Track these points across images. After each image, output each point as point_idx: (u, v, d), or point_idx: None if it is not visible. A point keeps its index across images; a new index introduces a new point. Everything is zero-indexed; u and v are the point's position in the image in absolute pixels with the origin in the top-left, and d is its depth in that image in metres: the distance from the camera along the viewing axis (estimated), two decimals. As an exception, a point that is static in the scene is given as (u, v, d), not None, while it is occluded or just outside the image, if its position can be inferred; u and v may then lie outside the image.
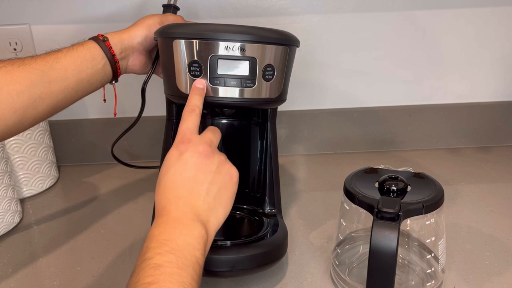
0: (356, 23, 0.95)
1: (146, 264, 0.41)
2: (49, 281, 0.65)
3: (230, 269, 0.57)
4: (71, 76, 0.58)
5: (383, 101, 1.01)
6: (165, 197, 0.48)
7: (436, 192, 0.56)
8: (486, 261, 0.65)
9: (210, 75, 0.57)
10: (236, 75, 0.57)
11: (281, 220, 0.69)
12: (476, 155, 1.00)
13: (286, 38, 0.60)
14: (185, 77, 0.58)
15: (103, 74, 0.63)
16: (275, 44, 0.58)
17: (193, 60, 0.57)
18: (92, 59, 0.61)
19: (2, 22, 0.92)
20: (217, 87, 0.57)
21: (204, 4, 0.92)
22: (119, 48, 0.63)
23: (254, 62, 0.57)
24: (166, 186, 0.49)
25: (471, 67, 0.99)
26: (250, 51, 0.56)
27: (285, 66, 0.61)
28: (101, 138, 1.02)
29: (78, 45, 0.61)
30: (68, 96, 0.59)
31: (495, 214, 0.77)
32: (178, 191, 0.48)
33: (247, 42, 0.56)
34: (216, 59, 0.56)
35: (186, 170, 0.49)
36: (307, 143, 1.04)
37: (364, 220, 0.60)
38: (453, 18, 0.95)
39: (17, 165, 0.86)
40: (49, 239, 0.76)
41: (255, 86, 0.58)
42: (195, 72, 0.57)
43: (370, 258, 0.49)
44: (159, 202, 0.49)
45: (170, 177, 0.49)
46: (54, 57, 0.58)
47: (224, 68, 0.57)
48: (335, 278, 0.61)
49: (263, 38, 0.57)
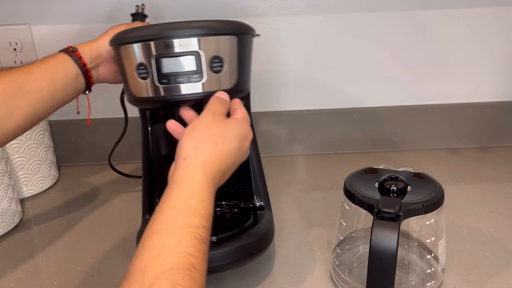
0: (356, 23, 0.95)
1: (191, 231, 0.41)
2: (49, 281, 0.65)
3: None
4: (46, 86, 0.60)
5: (383, 101, 1.01)
6: (227, 168, 0.51)
7: (436, 192, 0.55)
8: (486, 261, 0.65)
9: (157, 75, 0.57)
10: (182, 72, 0.57)
11: (268, 212, 0.68)
12: (476, 155, 1.00)
13: (232, 28, 0.59)
14: (136, 80, 0.59)
15: (77, 83, 0.64)
16: (219, 35, 0.57)
17: (139, 62, 0.57)
18: (65, 69, 0.62)
19: (2, 22, 0.92)
20: (166, 85, 0.57)
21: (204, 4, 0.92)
22: (89, 57, 0.65)
23: (198, 56, 0.56)
24: (230, 163, 0.51)
25: (471, 67, 0.99)
26: (192, 45, 0.56)
27: (237, 56, 0.60)
28: (101, 138, 1.02)
29: (50, 57, 0.63)
30: (45, 106, 0.61)
31: (495, 214, 0.77)
32: (231, 171, 0.53)
33: (186, 37, 0.56)
34: (160, 58, 0.56)
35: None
36: (307, 143, 1.04)
37: (364, 220, 0.60)
38: (453, 18, 0.95)
39: (17, 165, 0.86)
40: (49, 239, 0.76)
41: (204, 79, 0.57)
42: (143, 74, 0.58)
43: (370, 258, 0.49)
44: (215, 170, 0.49)
45: (236, 157, 0.52)
46: (28, 69, 0.59)
47: (170, 66, 0.56)
48: (335, 278, 0.61)
49: (204, 31, 0.56)
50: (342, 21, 0.94)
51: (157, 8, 0.92)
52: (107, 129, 1.00)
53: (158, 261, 0.38)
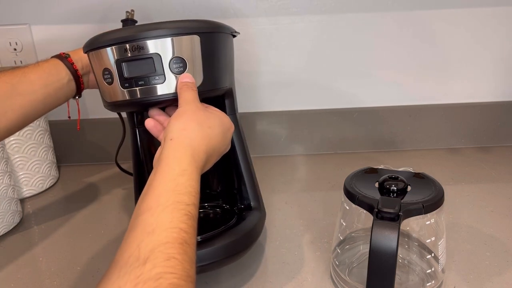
0: (356, 23, 0.95)
1: (182, 208, 0.43)
2: (49, 281, 0.65)
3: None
4: (39, 89, 0.61)
5: (383, 101, 1.01)
6: (212, 153, 0.52)
7: (436, 192, 0.56)
8: (486, 261, 0.65)
9: (120, 79, 0.57)
10: (143, 75, 0.56)
11: (257, 212, 0.68)
12: (476, 155, 1.00)
13: (193, 27, 0.58)
14: (103, 86, 0.59)
15: (68, 89, 0.65)
16: (178, 35, 0.57)
17: (103, 68, 0.58)
18: (57, 74, 0.64)
19: (2, 22, 0.92)
20: (130, 89, 0.57)
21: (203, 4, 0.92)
22: (80, 64, 0.66)
23: (158, 58, 0.56)
24: (215, 148, 0.53)
25: (471, 67, 0.99)
26: (151, 48, 0.56)
27: (201, 55, 0.59)
28: (101, 138, 1.02)
29: (43, 62, 0.64)
30: (36, 108, 0.62)
31: (495, 214, 0.77)
32: (215, 157, 0.54)
33: (145, 39, 0.55)
34: (120, 63, 0.56)
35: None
36: (307, 143, 1.04)
37: (364, 220, 0.60)
38: (453, 18, 0.95)
39: (17, 165, 0.86)
40: (49, 239, 0.76)
41: (165, 81, 0.57)
42: (108, 79, 0.58)
43: (370, 258, 0.49)
44: (205, 150, 0.51)
45: (221, 143, 0.54)
46: (21, 72, 0.61)
47: (131, 70, 0.56)
48: (335, 278, 0.61)
49: (162, 32, 0.56)
50: (342, 21, 0.94)
51: (153, 7, 0.92)
52: (107, 129, 1.00)
53: (153, 236, 0.39)
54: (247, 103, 0.99)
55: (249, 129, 1.00)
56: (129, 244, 0.39)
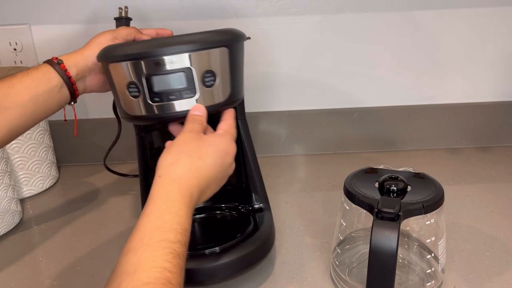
0: (356, 23, 0.95)
1: (166, 246, 0.42)
2: (49, 281, 0.65)
3: (211, 278, 0.58)
4: (27, 101, 0.58)
5: (383, 101, 1.01)
6: (207, 183, 0.51)
7: (436, 192, 0.56)
8: (486, 261, 0.65)
9: (149, 94, 0.55)
10: (174, 89, 0.55)
11: (268, 214, 0.68)
12: (476, 155, 1.00)
13: (223, 39, 0.57)
14: (127, 99, 0.57)
15: (60, 96, 0.62)
16: (210, 48, 0.55)
17: (130, 81, 0.56)
18: (48, 82, 0.60)
19: (2, 22, 0.92)
20: (159, 104, 0.56)
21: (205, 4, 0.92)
22: (75, 70, 0.62)
23: (189, 72, 0.55)
24: (211, 178, 0.51)
25: (471, 67, 0.99)
26: (182, 62, 0.54)
27: (229, 67, 0.58)
28: (101, 138, 1.02)
29: (33, 70, 0.60)
30: (25, 120, 0.59)
31: (495, 214, 0.77)
32: (213, 186, 0.53)
33: (176, 53, 0.54)
34: (151, 77, 0.54)
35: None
36: (307, 143, 1.04)
37: (364, 220, 0.60)
38: (453, 18, 0.95)
39: (17, 165, 0.86)
40: (49, 239, 0.76)
41: (197, 95, 0.56)
42: (134, 93, 0.56)
43: (370, 258, 0.49)
44: (196, 183, 0.49)
45: (217, 172, 0.52)
46: (8, 84, 0.58)
47: (161, 84, 0.55)
48: (335, 278, 0.61)
49: (194, 46, 0.54)
50: (342, 21, 0.94)
51: (154, 7, 0.92)
52: (107, 129, 1.00)
53: (134, 276, 0.39)
54: (247, 103, 0.98)
55: (249, 129, 1.00)
56: (110, 286, 0.39)
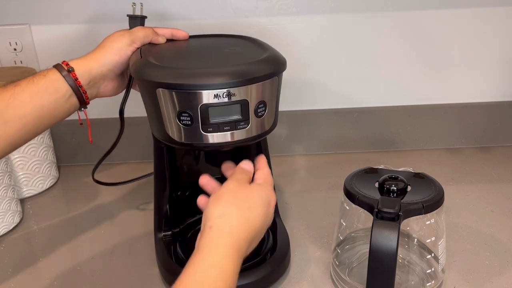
0: (356, 23, 0.95)
1: None
2: (49, 281, 0.65)
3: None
4: (30, 113, 0.54)
5: (383, 101, 1.01)
6: (254, 235, 0.50)
7: (436, 192, 0.56)
8: (486, 261, 0.65)
9: (202, 123, 0.54)
10: (229, 120, 0.54)
11: (280, 223, 0.69)
12: (476, 155, 1.00)
13: (275, 69, 0.56)
14: (176, 125, 0.55)
15: (69, 105, 0.58)
16: (265, 79, 0.55)
17: (182, 110, 0.53)
18: (55, 92, 0.55)
19: (2, 22, 0.92)
20: (211, 134, 0.54)
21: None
22: (87, 78, 0.58)
23: (246, 104, 0.54)
24: (258, 229, 0.50)
25: (471, 67, 0.99)
26: (241, 94, 0.53)
27: (276, 95, 0.58)
28: (101, 138, 1.01)
29: (39, 77, 0.56)
30: (27, 132, 0.55)
31: (495, 214, 0.77)
32: (258, 237, 0.51)
33: (237, 86, 0.52)
34: (207, 108, 0.53)
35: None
36: (307, 143, 1.04)
37: (364, 220, 0.60)
38: (453, 18, 0.94)
39: (17, 165, 0.86)
40: (49, 239, 0.76)
41: (249, 125, 0.55)
42: (185, 121, 0.54)
43: (370, 258, 0.49)
44: (245, 236, 0.48)
45: (263, 222, 0.51)
46: (11, 93, 0.53)
47: (216, 115, 0.53)
48: (335, 278, 0.61)
49: (254, 79, 0.53)
50: (342, 21, 0.94)
51: (153, 7, 0.92)
52: (107, 129, 1.00)
53: None
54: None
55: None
56: None
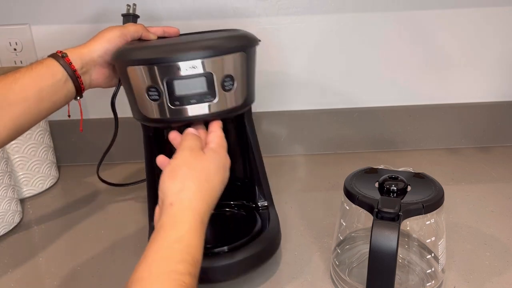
0: (356, 23, 0.95)
1: (175, 278, 0.41)
2: (49, 281, 0.65)
3: (225, 276, 0.59)
4: (32, 95, 0.57)
5: (383, 101, 1.01)
6: (207, 205, 0.50)
7: (436, 192, 0.56)
8: (486, 261, 0.65)
9: (169, 97, 0.56)
10: (195, 93, 0.56)
11: (272, 211, 0.69)
12: (476, 155, 1.00)
13: (243, 44, 0.59)
14: (147, 101, 0.58)
15: (66, 90, 0.61)
16: (231, 53, 0.57)
17: (150, 85, 0.56)
18: (52, 76, 0.59)
19: (2, 22, 0.92)
20: (179, 107, 0.57)
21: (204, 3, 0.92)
22: (80, 63, 0.61)
23: (211, 77, 0.56)
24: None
25: (471, 67, 0.99)
26: (205, 66, 0.55)
27: (246, 71, 0.59)
28: (101, 138, 1.01)
29: (37, 64, 0.59)
30: (30, 116, 0.58)
31: (495, 214, 0.77)
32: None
33: (199, 58, 0.55)
34: (172, 81, 0.55)
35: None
36: (307, 143, 1.04)
37: (364, 220, 0.60)
38: (453, 18, 0.94)
39: (17, 165, 0.86)
40: (49, 239, 0.76)
41: (216, 99, 0.57)
42: (154, 96, 0.57)
43: (370, 258, 0.49)
44: (207, 208, 0.49)
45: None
46: (12, 78, 0.57)
47: (182, 88, 0.56)
48: (335, 278, 0.61)
49: (217, 51, 0.56)
50: (342, 21, 0.94)
51: (153, 7, 0.92)
52: (107, 129, 1.00)
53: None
54: (247, 103, 0.99)
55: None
56: None
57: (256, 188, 0.71)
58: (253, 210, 0.71)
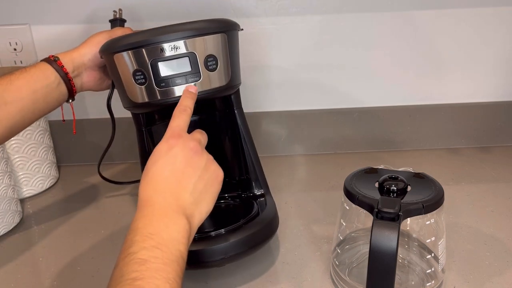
0: (356, 23, 0.95)
1: (130, 259, 0.42)
2: (49, 281, 0.65)
3: (223, 257, 0.59)
4: (26, 96, 0.60)
5: (383, 101, 1.01)
6: (151, 188, 0.49)
7: (436, 192, 0.55)
8: (486, 261, 0.65)
9: (155, 79, 0.58)
10: (179, 73, 0.58)
11: (269, 198, 0.70)
12: (476, 155, 1.00)
13: (221, 26, 0.61)
14: (134, 86, 0.60)
15: (59, 92, 0.64)
16: (211, 34, 0.59)
17: (135, 69, 0.59)
18: (45, 78, 0.62)
19: (2, 22, 0.92)
20: (165, 88, 0.59)
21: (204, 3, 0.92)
22: (71, 66, 0.65)
23: (194, 56, 0.58)
24: (153, 177, 0.49)
25: (471, 67, 0.99)
26: (187, 46, 0.58)
27: (228, 52, 0.62)
28: (101, 138, 1.02)
29: (30, 67, 0.63)
30: (25, 116, 0.61)
31: (495, 214, 0.77)
32: (166, 182, 0.49)
33: (181, 39, 0.57)
34: (156, 63, 0.58)
35: (176, 163, 0.49)
36: (307, 143, 1.04)
37: (364, 220, 0.60)
38: (453, 18, 0.95)
39: (17, 165, 0.86)
40: (49, 239, 0.76)
41: (201, 79, 0.59)
42: (140, 80, 0.59)
43: (370, 258, 0.49)
44: (144, 193, 0.49)
45: (158, 169, 0.49)
46: (7, 80, 0.60)
47: (166, 69, 0.58)
48: (335, 278, 0.61)
49: (197, 31, 0.58)
50: (342, 21, 0.94)
51: (153, 7, 0.92)
52: (107, 129, 1.00)
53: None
54: (247, 103, 0.98)
55: (249, 129, 1.00)
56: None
57: (251, 177, 0.72)
58: (250, 199, 0.72)
